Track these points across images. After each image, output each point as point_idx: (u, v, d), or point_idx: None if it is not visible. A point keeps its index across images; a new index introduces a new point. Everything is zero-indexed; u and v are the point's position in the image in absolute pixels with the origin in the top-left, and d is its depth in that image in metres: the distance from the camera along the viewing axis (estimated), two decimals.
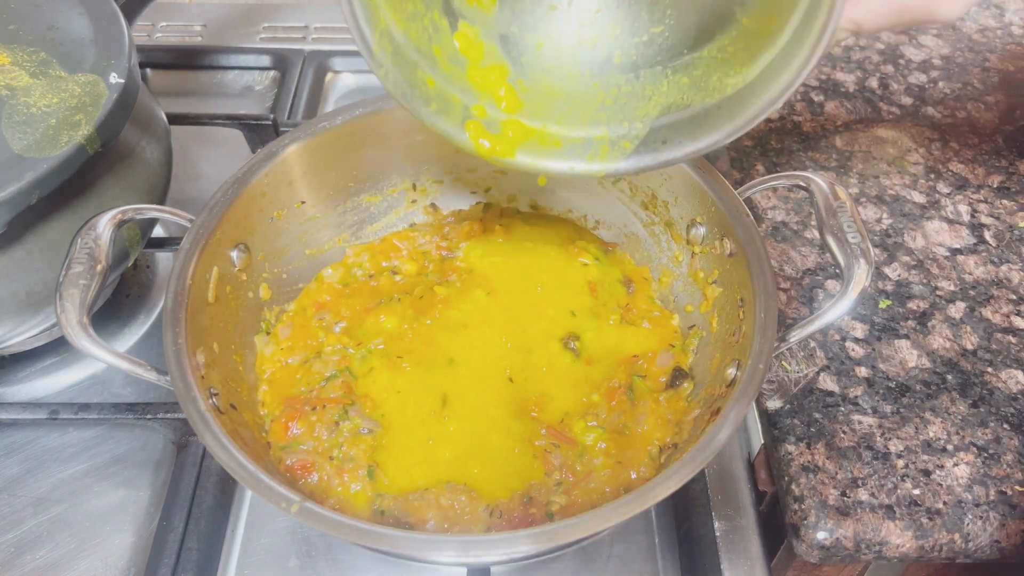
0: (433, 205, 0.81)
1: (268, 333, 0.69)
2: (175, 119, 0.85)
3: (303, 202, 0.72)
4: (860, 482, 0.62)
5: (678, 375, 0.66)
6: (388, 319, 0.69)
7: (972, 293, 0.76)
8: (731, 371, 0.59)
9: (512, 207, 0.81)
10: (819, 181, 0.59)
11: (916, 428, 0.66)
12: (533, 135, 0.53)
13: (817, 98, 0.97)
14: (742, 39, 0.47)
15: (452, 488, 0.59)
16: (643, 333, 0.69)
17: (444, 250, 0.77)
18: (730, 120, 0.48)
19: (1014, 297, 0.75)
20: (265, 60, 1.09)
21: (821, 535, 0.60)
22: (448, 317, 0.70)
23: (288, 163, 0.69)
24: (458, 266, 0.74)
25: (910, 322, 0.74)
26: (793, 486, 0.62)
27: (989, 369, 0.70)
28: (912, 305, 0.75)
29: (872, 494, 0.62)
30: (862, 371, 0.70)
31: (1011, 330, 0.73)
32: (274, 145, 0.69)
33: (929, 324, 0.74)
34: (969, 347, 0.72)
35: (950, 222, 0.83)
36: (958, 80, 1.00)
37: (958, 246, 0.80)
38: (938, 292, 0.76)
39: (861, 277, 0.54)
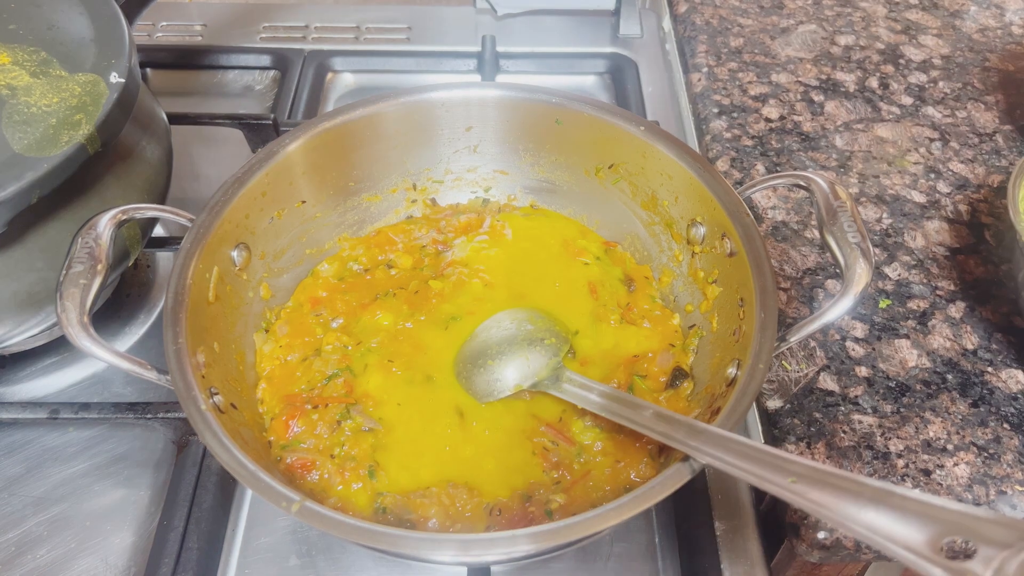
0: (433, 200, 0.81)
1: (267, 331, 0.69)
2: (175, 119, 0.85)
3: (303, 202, 0.72)
4: None
5: (678, 375, 0.66)
6: (384, 315, 0.69)
7: (972, 293, 0.76)
8: (731, 371, 0.59)
9: (511, 204, 0.81)
10: (819, 181, 0.59)
11: (916, 428, 0.66)
12: None
13: (817, 98, 0.97)
14: None
15: (453, 486, 0.59)
16: (644, 333, 0.69)
17: (440, 244, 0.77)
18: None
19: (1013, 297, 0.75)
20: (265, 60, 1.09)
21: (821, 535, 0.60)
22: (443, 311, 0.69)
23: (288, 163, 0.69)
24: (453, 261, 0.74)
25: (910, 322, 0.74)
26: None
27: (989, 369, 0.70)
28: (912, 305, 0.75)
29: None
30: (862, 371, 0.70)
31: (1011, 330, 0.73)
32: (274, 145, 0.69)
33: (929, 324, 0.74)
34: (969, 347, 0.72)
35: (950, 222, 0.83)
36: (958, 80, 1.00)
37: (958, 246, 0.80)
38: (938, 292, 0.76)
39: (861, 277, 0.54)
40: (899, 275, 0.78)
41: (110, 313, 0.80)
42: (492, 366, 0.65)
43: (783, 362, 0.71)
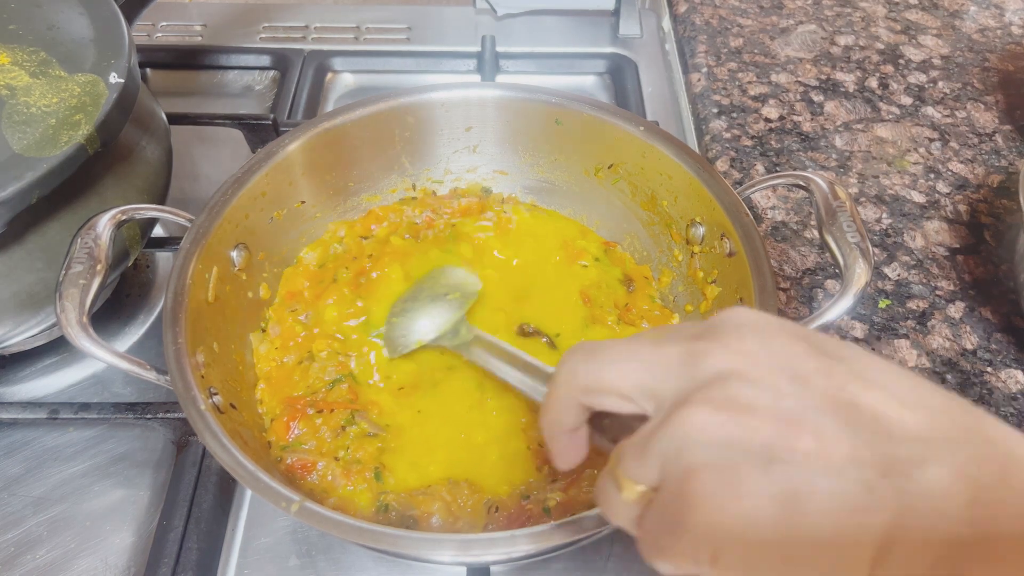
0: (433, 194, 0.81)
1: (264, 330, 0.69)
2: (175, 119, 0.85)
3: (303, 202, 0.73)
4: None
5: None
6: (333, 305, 0.69)
7: (972, 293, 0.76)
8: None
9: (513, 197, 0.81)
10: (819, 181, 0.59)
11: None
12: None
13: (817, 98, 0.97)
14: None
15: (454, 483, 0.59)
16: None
17: (432, 223, 0.76)
18: None
19: (1013, 297, 0.75)
20: (265, 60, 1.09)
21: None
22: (395, 276, 0.69)
23: (288, 163, 0.69)
24: (443, 230, 0.73)
25: (910, 322, 0.74)
26: None
27: (989, 369, 0.70)
28: (912, 305, 0.75)
29: None
30: None
31: (1011, 330, 0.73)
32: (274, 145, 0.69)
33: (929, 324, 0.74)
34: (969, 347, 0.72)
35: (950, 222, 0.83)
36: (958, 80, 1.00)
37: (958, 246, 0.80)
38: (938, 292, 0.76)
39: (861, 277, 0.54)
40: (899, 275, 0.78)
41: (110, 313, 0.80)
42: (396, 323, 0.66)
43: None
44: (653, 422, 0.35)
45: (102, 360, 0.53)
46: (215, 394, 0.56)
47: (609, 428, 0.42)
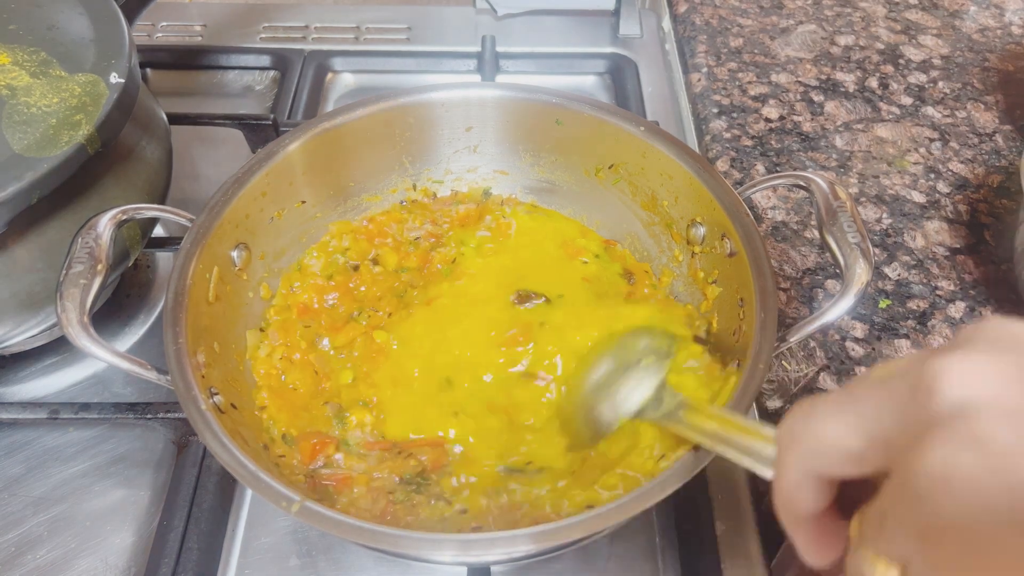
0: (434, 195, 0.81)
1: (262, 330, 0.69)
2: (175, 119, 0.85)
3: (303, 202, 0.73)
4: None
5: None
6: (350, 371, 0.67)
7: (972, 293, 0.76)
8: None
9: (513, 198, 0.81)
10: (819, 181, 0.59)
11: None
12: None
13: (817, 98, 0.97)
14: None
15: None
16: (651, 307, 0.68)
17: (432, 235, 0.76)
18: None
19: (1013, 297, 0.75)
20: (265, 60, 1.09)
21: None
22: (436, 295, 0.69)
23: (288, 163, 0.69)
24: (443, 253, 0.73)
25: (910, 322, 0.74)
26: None
27: None
28: (912, 305, 0.75)
29: None
30: (862, 371, 0.70)
31: None
32: (274, 145, 0.69)
33: (929, 324, 0.74)
34: None
35: (950, 222, 0.83)
36: (958, 80, 1.00)
37: (958, 246, 0.80)
38: (938, 292, 0.76)
39: (861, 277, 0.54)
40: (899, 275, 0.78)
41: (110, 313, 0.80)
42: (593, 398, 0.61)
43: (783, 362, 0.71)
44: (890, 481, 0.28)
45: (102, 360, 0.53)
46: (216, 394, 0.56)
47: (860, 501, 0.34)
